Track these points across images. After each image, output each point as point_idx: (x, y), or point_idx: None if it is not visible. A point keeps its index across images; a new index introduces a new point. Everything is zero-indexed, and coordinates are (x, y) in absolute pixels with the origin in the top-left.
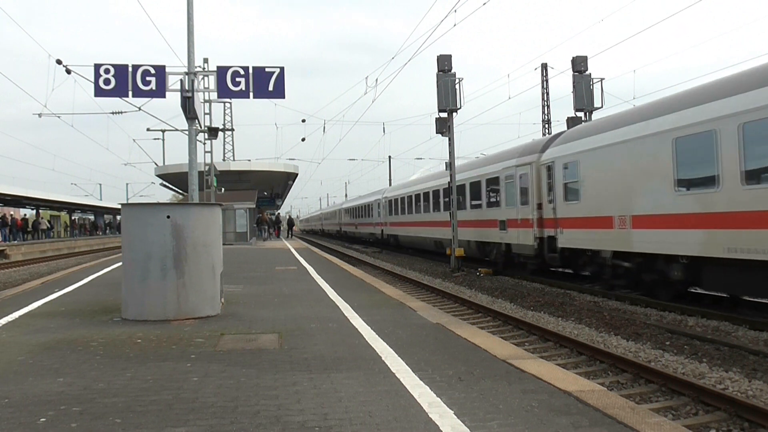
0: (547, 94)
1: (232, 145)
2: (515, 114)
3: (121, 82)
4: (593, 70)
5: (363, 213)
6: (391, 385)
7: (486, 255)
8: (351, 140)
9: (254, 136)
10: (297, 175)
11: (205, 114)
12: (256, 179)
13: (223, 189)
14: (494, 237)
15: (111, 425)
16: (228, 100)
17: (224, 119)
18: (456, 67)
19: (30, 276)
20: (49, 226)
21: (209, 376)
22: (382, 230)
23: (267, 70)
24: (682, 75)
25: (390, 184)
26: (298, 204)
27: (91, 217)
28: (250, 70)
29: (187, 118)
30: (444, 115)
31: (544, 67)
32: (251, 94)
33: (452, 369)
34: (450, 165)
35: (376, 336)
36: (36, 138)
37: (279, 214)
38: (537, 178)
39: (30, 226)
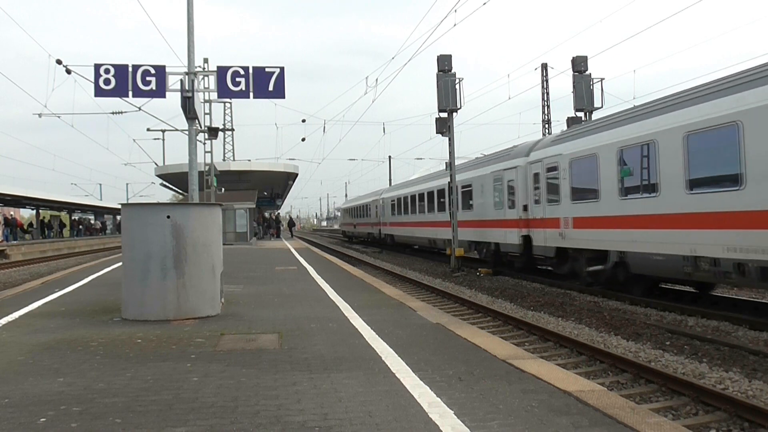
0: (547, 94)
1: (232, 145)
2: (515, 114)
3: (121, 82)
4: (593, 70)
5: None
6: (391, 385)
7: None
8: (351, 140)
9: (254, 136)
10: (297, 175)
11: (205, 114)
12: (256, 179)
13: (223, 189)
14: None
15: (111, 425)
16: (228, 100)
17: (224, 119)
18: (456, 69)
19: (30, 276)
20: (100, 225)
21: (209, 376)
22: (516, 234)
23: (267, 70)
24: (682, 75)
25: (390, 184)
26: (298, 204)
27: (91, 217)
28: (250, 70)
29: (187, 118)
30: (444, 115)
31: (544, 67)
32: (251, 94)
33: (452, 369)
34: (450, 165)
35: (376, 336)
36: (36, 138)
37: (279, 214)
38: None
39: (74, 225)
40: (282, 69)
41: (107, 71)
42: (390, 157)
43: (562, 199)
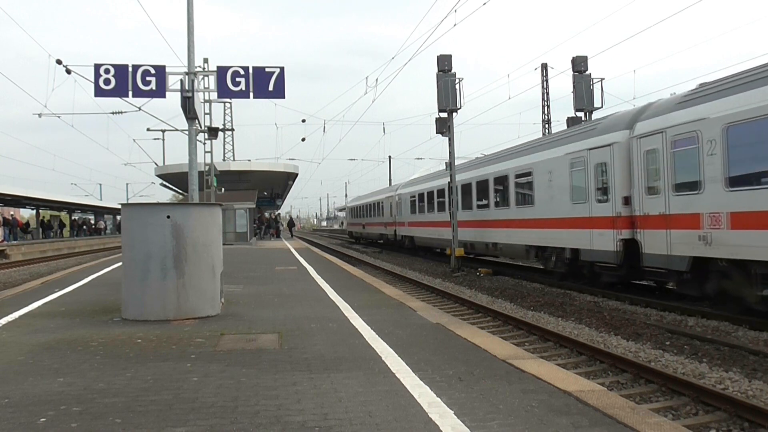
0: (547, 94)
1: (232, 145)
2: (515, 114)
3: (121, 82)
4: (593, 70)
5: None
6: (391, 385)
7: None
8: (351, 140)
9: (254, 136)
10: (297, 175)
11: (205, 114)
12: (256, 179)
13: (223, 189)
14: None
15: (111, 425)
16: (228, 100)
17: (224, 119)
18: (456, 69)
19: (30, 276)
20: (104, 226)
21: (209, 376)
22: (611, 236)
23: (267, 70)
24: (682, 75)
25: (390, 184)
26: (298, 204)
27: (91, 218)
28: (250, 70)
29: (187, 118)
30: (444, 115)
31: (544, 67)
32: (251, 94)
33: (452, 369)
34: (450, 165)
35: (376, 336)
36: (36, 138)
37: (279, 214)
38: None
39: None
40: (282, 69)
41: (107, 71)
42: (390, 157)
43: (707, 184)
